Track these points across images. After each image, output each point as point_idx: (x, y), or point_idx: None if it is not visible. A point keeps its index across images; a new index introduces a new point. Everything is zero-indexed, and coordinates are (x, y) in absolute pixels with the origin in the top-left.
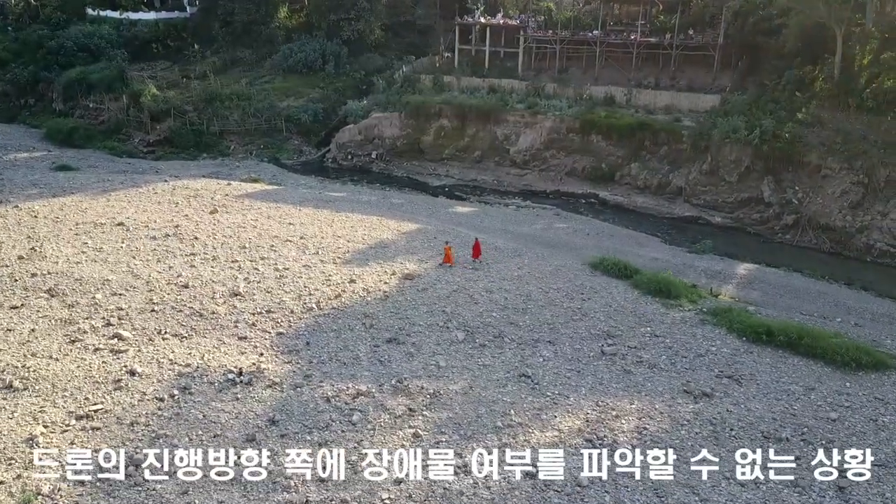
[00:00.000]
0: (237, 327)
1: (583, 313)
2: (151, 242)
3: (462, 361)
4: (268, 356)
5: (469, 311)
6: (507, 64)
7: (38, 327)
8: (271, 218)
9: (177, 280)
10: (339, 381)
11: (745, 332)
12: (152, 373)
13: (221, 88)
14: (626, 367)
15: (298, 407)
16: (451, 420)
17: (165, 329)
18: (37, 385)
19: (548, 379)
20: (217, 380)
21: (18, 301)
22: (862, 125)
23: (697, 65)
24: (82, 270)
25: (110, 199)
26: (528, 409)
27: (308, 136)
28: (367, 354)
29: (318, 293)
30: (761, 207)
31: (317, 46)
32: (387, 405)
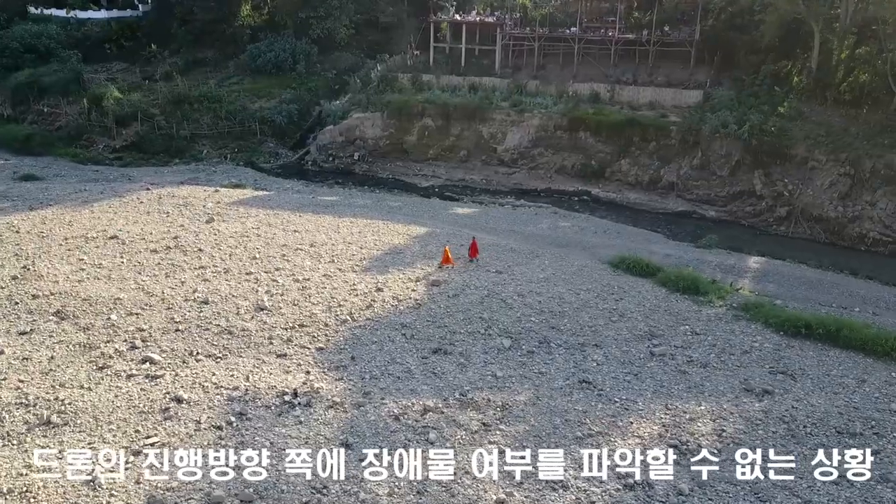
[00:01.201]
0: (273, 344)
1: (619, 314)
2: (153, 256)
3: (516, 370)
4: (315, 374)
5: (506, 317)
6: (482, 62)
7: (57, 354)
8: (273, 226)
9: (193, 296)
10: (401, 396)
11: (783, 327)
12: (200, 399)
13: (189, 90)
14: (680, 368)
15: (368, 427)
16: (529, 433)
17: (196, 349)
18: (77, 419)
19: (609, 384)
20: (272, 402)
21: (26, 326)
22: (841, 118)
23: (673, 60)
24: (87, 289)
25: (94, 210)
26: (601, 416)
27: (283, 139)
28: (418, 367)
29: (348, 304)
30: (753, 200)
31: (286, 46)
32: (459, 420)
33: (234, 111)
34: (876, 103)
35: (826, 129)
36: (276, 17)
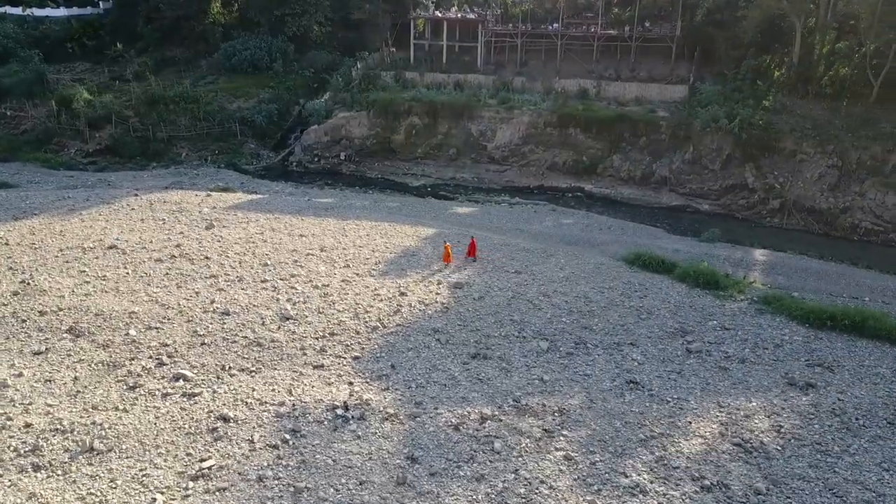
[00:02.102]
0: (306, 355)
1: (647, 312)
2: (159, 266)
3: (561, 373)
4: (359, 385)
5: (537, 319)
6: (463, 58)
7: (81, 374)
8: (277, 231)
9: (211, 307)
10: (454, 405)
11: (808, 319)
12: (246, 416)
13: (164, 91)
14: (720, 364)
15: (430, 439)
16: (593, 438)
17: (227, 364)
18: (122, 444)
19: (657, 384)
20: (324, 417)
21: (39, 345)
22: (823, 110)
23: (654, 56)
24: (97, 303)
25: (84, 218)
26: (659, 417)
27: (263, 139)
28: (461, 373)
29: (375, 310)
30: (746, 193)
31: (261, 44)
32: (520, 428)
33: (212, 112)
34: (855, 96)
35: (812, 122)
36: (249, 15)
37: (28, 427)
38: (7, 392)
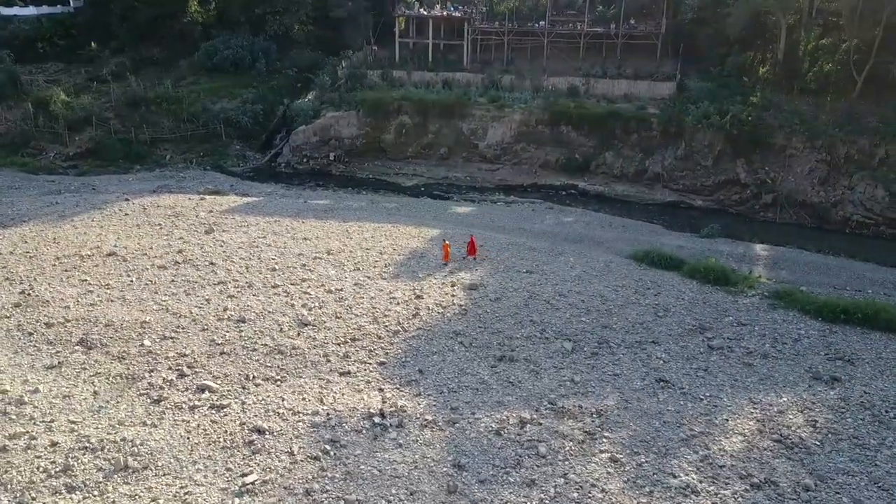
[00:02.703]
0: (330, 361)
1: (664, 309)
2: (163, 273)
3: (590, 374)
4: (390, 391)
5: (556, 319)
6: (449, 56)
7: (100, 388)
8: (279, 234)
9: (225, 314)
10: (490, 410)
11: (821, 313)
12: (281, 428)
13: (145, 92)
14: (743, 360)
15: (473, 446)
16: (635, 438)
17: (251, 373)
18: (157, 461)
19: (687, 382)
20: (361, 426)
21: (51, 359)
22: (808, 106)
23: (640, 53)
24: (106, 313)
25: (76, 225)
26: (696, 416)
27: (248, 140)
28: (491, 377)
29: (393, 314)
30: (738, 188)
31: (243, 43)
32: (561, 431)
33: (196, 113)
34: (839, 92)
35: (800, 118)
36: (229, 13)
37: (54, 446)
38: (25, 409)
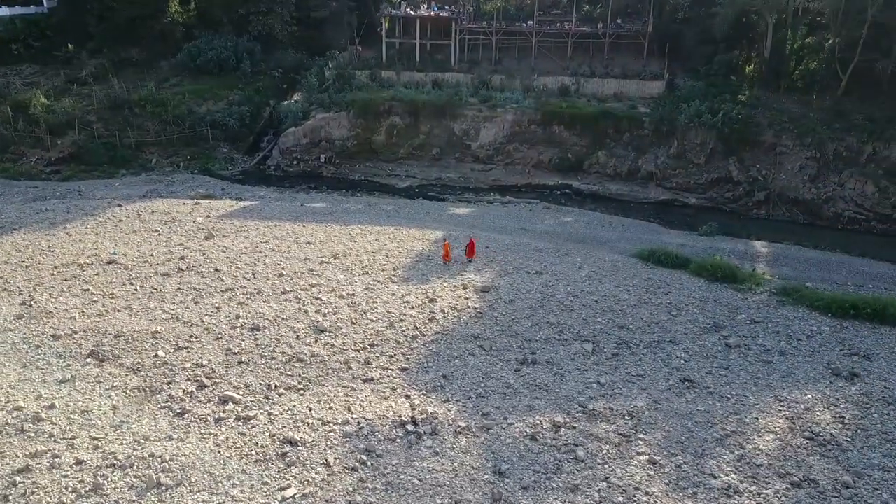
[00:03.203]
0: (352, 369)
1: (676, 308)
2: (167, 280)
3: (614, 375)
4: (417, 398)
5: (572, 320)
6: (436, 56)
7: (118, 402)
8: (280, 239)
9: (238, 322)
10: (522, 414)
11: (830, 309)
12: (313, 438)
13: (128, 94)
14: (762, 358)
15: (510, 451)
16: (670, 439)
17: (272, 382)
18: (190, 477)
19: (711, 381)
20: (394, 434)
21: (63, 372)
22: (794, 104)
23: (626, 52)
24: (114, 323)
25: (69, 232)
26: (725, 415)
27: (235, 143)
28: (516, 381)
29: (409, 318)
30: (731, 186)
31: (227, 44)
32: (596, 434)
33: (181, 115)
34: (823, 89)
35: (788, 116)
36: (211, 14)
37: (80, 464)
38: (43, 426)
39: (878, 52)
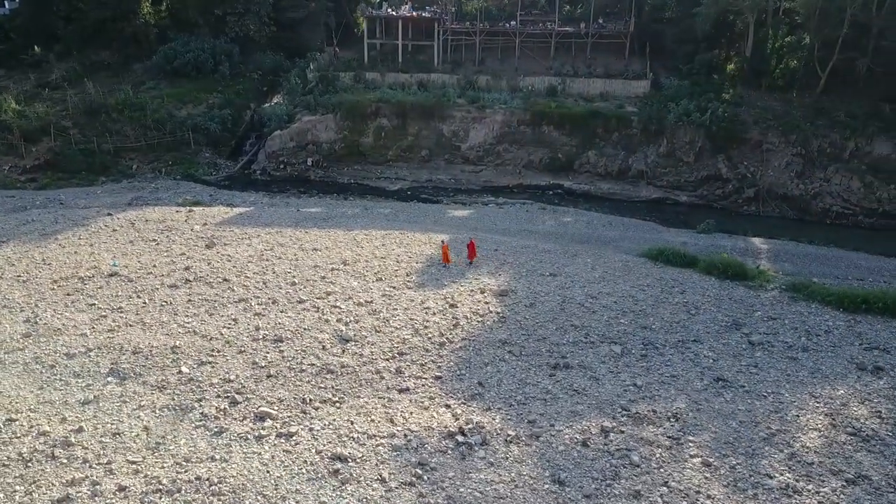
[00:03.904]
0: (384, 379)
1: (694, 307)
2: (176, 292)
3: (648, 377)
4: (459, 407)
5: (596, 322)
6: (418, 57)
7: (150, 423)
8: (285, 245)
9: (259, 334)
10: (568, 420)
11: (842, 304)
12: (362, 453)
13: (104, 98)
14: (787, 355)
15: (565, 459)
16: (718, 440)
17: (306, 396)
18: (243, 499)
19: (743, 379)
20: (445, 446)
21: (83, 393)
22: (776, 102)
23: (608, 52)
24: (129, 339)
25: (62, 244)
26: (766, 414)
27: (218, 147)
28: (553, 386)
29: (433, 325)
30: (720, 183)
31: (204, 46)
32: (645, 437)
33: (161, 120)
34: (803, 87)
35: (772, 113)
36: (185, 15)
37: (123, 490)
38: (75, 451)
39: (857, 51)
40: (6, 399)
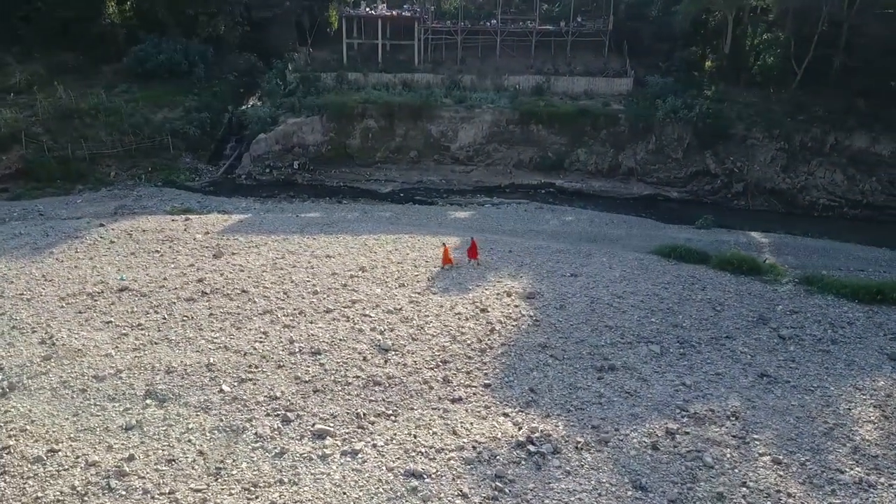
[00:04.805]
0: (433, 389)
1: (718, 303)
2: (195, 306)
3: (695, 376)
4: (518, 416)
5: (628, 322)
6: (398, 57)
7: (204, 447)
8: (296, 253)
9: (294, 347)
10: (630, 424)
11: (857, 295)
12: (436, 469)
13: (76, 103)
14: (818, 348)
15: (640, 464)
16: (781, 437)
17: (359, 410)
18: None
19: (786, 374)
20: (518, 457)
21: (124, 418)
22: (755, 98)
23: (587, 50)
24: (159, 358)
25: (58, 258)
26: (819, 408)
27: (197, 152)
28: (605, 389)
29: (469, 331)
30: (709, 179)
31: (177, 47)
32: (712, 438)
33: (138, 124)
34: (779, 83)
35: (754, 109)
36: (154, 15)
37: None
38: (132, 482)
39: (832, 48)
40: (41, 428)
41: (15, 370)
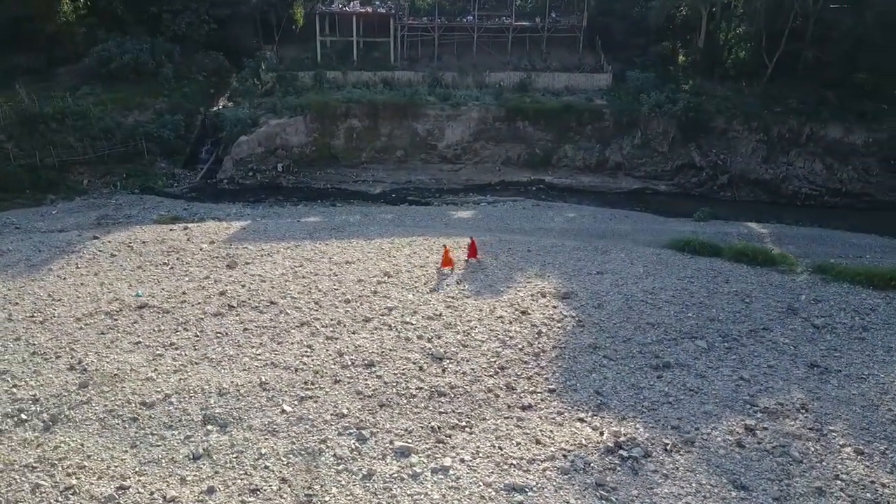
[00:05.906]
0: (499, 397)
1: (745, 295)
2: (224, 321)
3: (749, 369)
4: (594, 420)
5: (668, 319)
6: (373, 54)
7: (285, 474)
8: (314, 261)
9: (344, 360)
10: (707, 422)
11: (872, 282)
12: (536, 481)
13: (40, 107)
14: (853, 336)
15: (733, 462)
16: (854, 427)
17: (431, 424)
18: None
19: (834, 363)
20: (612, 463)
21: (187, 447)
22: (731, 91)
23: (561, 45)
24: (205, 378)
25: (60, 275)
26: (877, 395)
27: (172, 156)
28: (668, 388)
29: (516, 335)
30: (695, 171)
31: (142, 46)
32: (791, 431)
33: (109, 129)
34: (751, 77)
35: (732, 102)
36: (113, 13)
37: None
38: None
39: (803, 42)
40: (101, 463)
41: (52, 400)
